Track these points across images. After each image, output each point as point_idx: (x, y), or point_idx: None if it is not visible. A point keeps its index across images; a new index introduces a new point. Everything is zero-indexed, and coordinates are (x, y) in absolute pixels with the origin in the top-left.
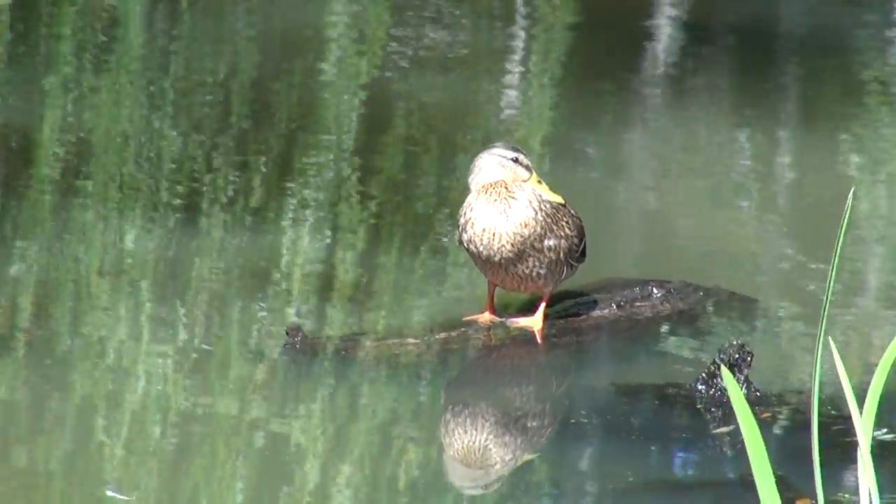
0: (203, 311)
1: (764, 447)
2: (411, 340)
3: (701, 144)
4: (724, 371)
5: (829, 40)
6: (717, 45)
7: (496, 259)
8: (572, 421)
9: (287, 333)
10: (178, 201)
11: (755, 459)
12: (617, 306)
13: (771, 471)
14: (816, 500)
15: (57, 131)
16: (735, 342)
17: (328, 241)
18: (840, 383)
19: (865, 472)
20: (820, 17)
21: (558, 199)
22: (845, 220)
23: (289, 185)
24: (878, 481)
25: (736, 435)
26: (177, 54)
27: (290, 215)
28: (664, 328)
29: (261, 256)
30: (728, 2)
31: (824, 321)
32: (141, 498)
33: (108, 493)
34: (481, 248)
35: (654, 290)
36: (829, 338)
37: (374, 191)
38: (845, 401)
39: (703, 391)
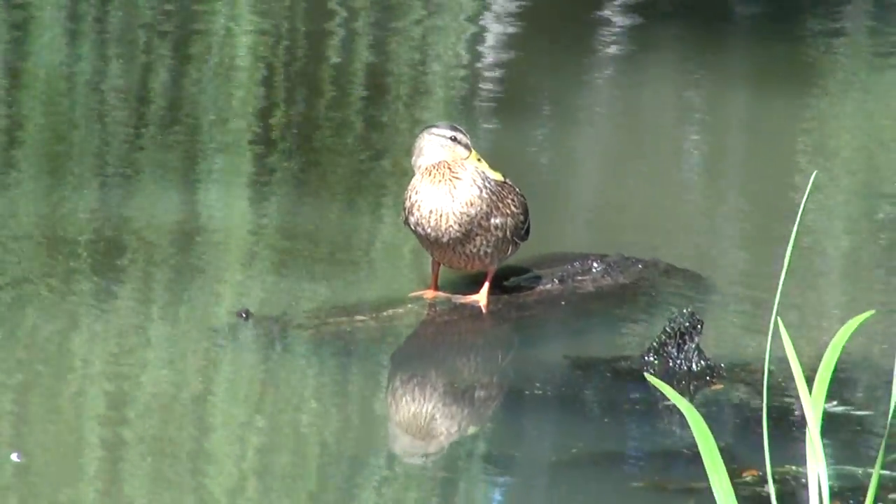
0: (151, 286)
1: (707, 427)
2: (359, 317)
3: (649, 119)
4: (648, 377)
5: (779, 19)
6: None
7: (444, 240)
8: (526, 392)
9: (237, 315)
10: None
11: (701, 439)
12: (559, 281)
13: (716, 445)
14: (764, 472)
15: None
16: (685, 310)
17: (272, 217)
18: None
19: (815, 456)
20: None
21: (498, 176)
22: (804, 204)
23: (237, 157)
24: (825, 454)
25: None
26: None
27: (232, 190)
28: (607, 301)
29: (202, 231)
30: None
31: (778, 295)
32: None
33: (13, 457)
34: (429, 230)
35: (594, 265)
36: (779, 317)
37: (321, 170)
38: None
39: (653, 361)
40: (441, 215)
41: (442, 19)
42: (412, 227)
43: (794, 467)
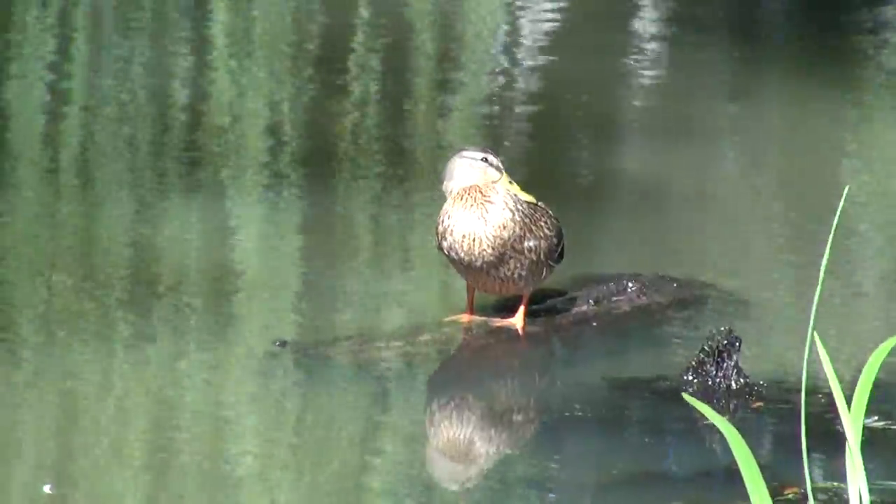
0: (186, 318)
1: (746, 445)
2: (396, 343)
3: (684, 135)
4: (686, 396)
5: (820, 21)
6: (704, 34)
7: (478, 264)
8: (565, 414)
9: (275, 345)
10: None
11: (741, 457)
12: (595, 302)
13: (756, 464)
14: (805, 489)
15: None
16: (723, 328)
17: (302, 243)
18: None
19: (855, 471)
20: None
21: (530, 198)
22: (836, 218)
23: (258, 189)
24: (866, 470)
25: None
26: None
27: (260, 216)
28: (644, 321)
29: (231, 260)
30: None
31: (815, 311)
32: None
33: (46, 489)
34: (462, 255)
35: (629, 285)
36: (816, 333)
37: (350, 195)
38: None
39: (692, 380)
40: (474, 239)
41: (471, 48)
42: (445, 251)
43: (835, 484)
